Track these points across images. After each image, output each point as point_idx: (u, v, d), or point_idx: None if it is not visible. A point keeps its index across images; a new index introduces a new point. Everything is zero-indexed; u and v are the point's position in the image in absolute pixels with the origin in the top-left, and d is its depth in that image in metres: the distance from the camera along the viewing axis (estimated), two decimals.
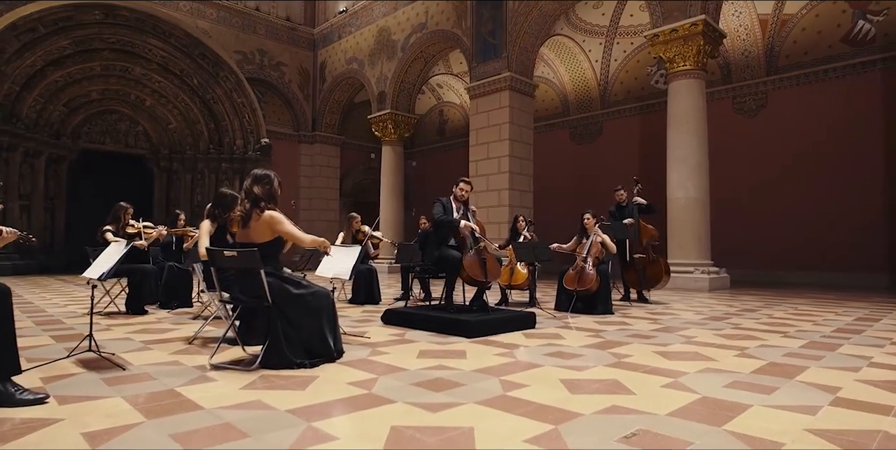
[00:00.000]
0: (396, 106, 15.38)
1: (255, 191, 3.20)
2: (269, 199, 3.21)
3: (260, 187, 3.22)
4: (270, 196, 3.23)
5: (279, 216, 3.16)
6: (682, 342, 3.89)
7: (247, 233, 3.16)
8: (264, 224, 3.13)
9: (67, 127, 13.71)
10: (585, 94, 15.04)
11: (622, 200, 7.07)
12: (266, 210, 3.16)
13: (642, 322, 4.97)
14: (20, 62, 11.97)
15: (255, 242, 3.12)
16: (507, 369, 2.99)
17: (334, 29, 17.44)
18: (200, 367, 2.96)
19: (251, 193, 3.20)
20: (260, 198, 3.19)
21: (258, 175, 3.29)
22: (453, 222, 4.57)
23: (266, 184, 3.25)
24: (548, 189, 14.62)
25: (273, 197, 3.25)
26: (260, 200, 3.18)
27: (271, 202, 3.22)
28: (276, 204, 3.26)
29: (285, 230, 3.16)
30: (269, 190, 3.24)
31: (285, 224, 3.16)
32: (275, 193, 3.26)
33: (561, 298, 5.79)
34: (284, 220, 3.17)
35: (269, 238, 3.15)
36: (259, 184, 3.23)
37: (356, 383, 2.63)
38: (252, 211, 3.15)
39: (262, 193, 3.20)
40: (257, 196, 3.18)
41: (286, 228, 3.16)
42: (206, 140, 15.32)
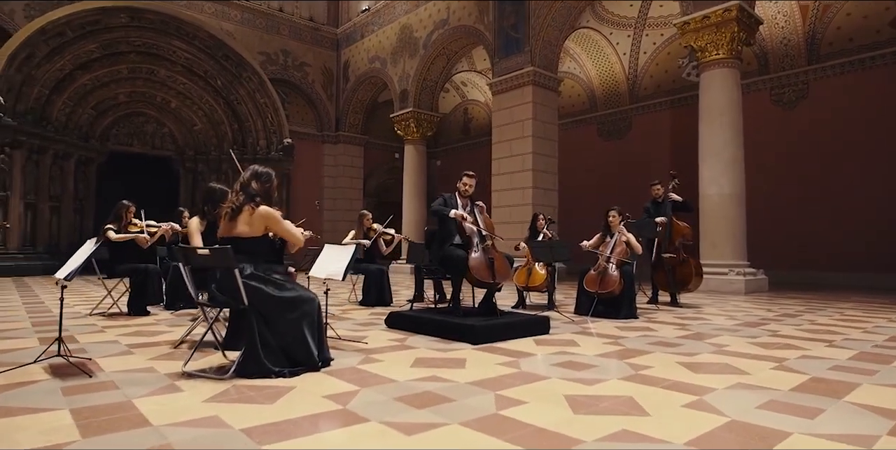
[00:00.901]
0: (419, 104, 15.15)
1: (252, 186, 3.04)
2: (265, 197, 3.05)
3: (259, 184, 3.07)
4: (267, 195, 3.08)
5: (276, 214, 2.99)
6: (711, 352, 3.49)
7: (233, 226, 2.96)
8: (259, 219, 2.95)
9: (96, 129, 13.94)
10: (613, 89, 14.50)
11: (658, 195, 6.63)
12: (262, 206, 2.98)
13: (668, 328, 4.56)
14: (49, 66, 12.19)
15: (241, 236, 2.92)
16: (506, 381, 2.66)
17: (357, 28, 17.34)
18: (173, 374, 2.73)
19: (248, 187, 3.03)
20: (258, 194, 3.02)
21: (259, 172, 3.12)
22: (443, 211, 4.26)
23: (266, 181, 3.11)
24: (574, 187, 14.14)
25: (269, 196, 3.10)
26: (256, 195, 3.00)
27: (266, 201, 3.05)
28: (269, 204, 3.07)
29: (283, 229, 3.02)
30: (269, 188, 3.11)
31: (282, 223, 3.00)
32: (272, 193, 3.13)
33: (581, 301, 5.41)
34: (280, 218, 3.01)
35: (259, 234, 2.96)
36: (258, 180, 3.08)
37: (334, 396, 2.36)
38: (245, 204, 2.96)
39: (260, 189, 3.05)
40: (255, 192, 3.01)
41: (284, 227, 3.02)
42: (230, 141, 15.38)
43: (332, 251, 3.76)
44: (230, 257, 2.64)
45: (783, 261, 10.72)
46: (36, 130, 12.00)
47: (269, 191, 3.11)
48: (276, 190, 3.18)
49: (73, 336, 3.90)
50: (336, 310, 5.78)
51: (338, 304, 6.42)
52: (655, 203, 6.59)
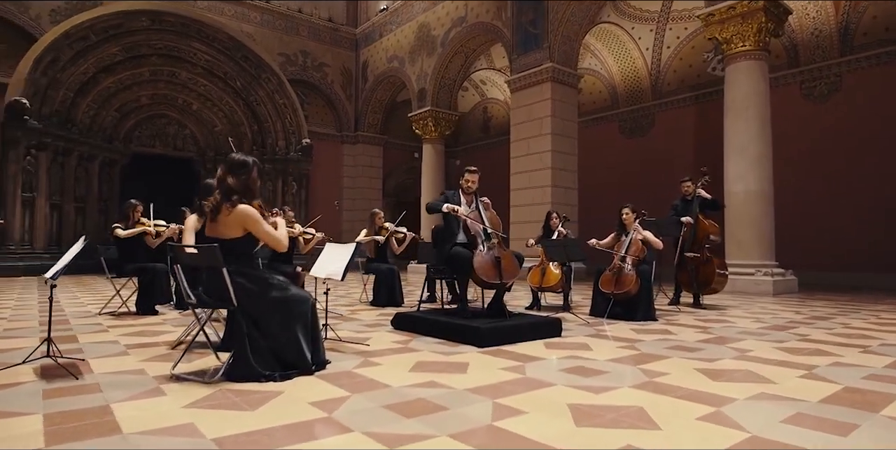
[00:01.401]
0: (437, 103, 15.02)
1: (228, 182, 2.78)
2: (244, 192, 2.78)
3: (234, 178, 2.79)
4: (246, 189, 2.80)
5: (254, 214, 2.73)
6: (733, 357, 3.25)
7: (215, 227, 2.77)
8: (235, 219, 2.72)
9: (120, 131, 14.16)
10: (635, 85, 14.15)
11: (688, 192, 6.35)
12: (239, 204, 2.73)
13: (688, 331, 4.32)
14: (74, 69, 12.41)
15: (223, 237, 2.73)
16: (508, 388, 2.49)
17: (375, 28, 17.30)
18: (162, 377, 2.63)
19: (224, 183, 2.78)
20: (233, 190, 2.76)
21: (234, 162, 2.83)
22: (437, 207, 4.10)
23: (241, 173, 2.81)
24: (594, 185, 13.83)
25: (249, 190, 2.82)
26: (233, 192, 2.76)
27: (247, 196, 2.79)
28: (253, 197, 2.82)
29: (262, 231, 2.75)
30: (246, 181, 2.80)
31: (261, 224, 2.74)
32: (252, 185, 2.83)
33: (597, 302, 5.20)
34: (260, 219, 2.75)
35: (240, 234, 2.75)
36: (233, 174, 2.80)
37: (321, 402, 2.22)
38: (222, 204, 2.74)
39: (236, 184, 2.77)
40: (230, 188, 2.76)
41: (262, 229, 2.75)
42: (249, 141, 15.48)
43: (334, 250, 3.64)
44: (217, 256, 2.53)
45: (814, 261, 10.26)
46: (61, 133, 12.23)
47: (248, 183, 2.81)
48: (257, 180, 2.87)
49: (76, 336, 3.86)
50: (345, 310, 5.68)
51: (348, 304, 6.32)
52: (685, 201, 6.31)
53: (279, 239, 2.80)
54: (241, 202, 2.73)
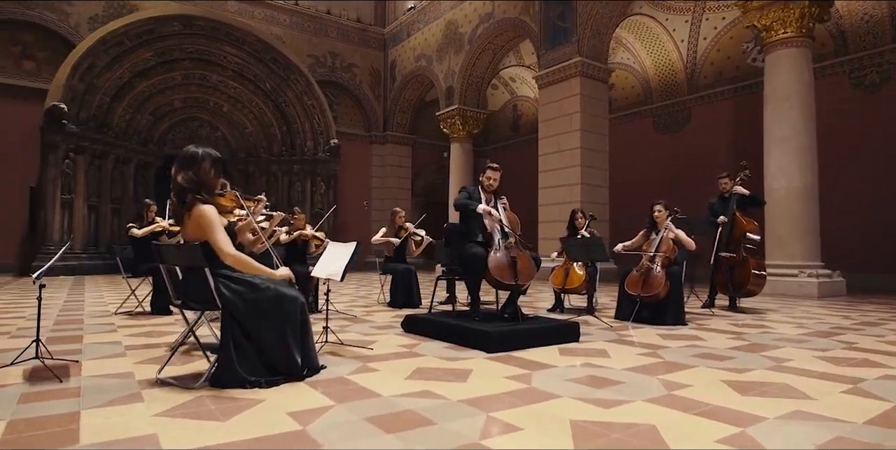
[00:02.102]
0: (464, 101, 14.83)
1: (178, 180, 2.52)
2: (196, 188, 2.51)
3: (183, 174, 2.52)
4: (199, 184, 2.53)
5: (210, 218, 2.45)
6: (768, 367, 2.94)
7: (184, 230, 2.60)
8: (194, 222, 2.48)
9: (154, 135, 14.50)
10: (670, 79, 13.61)
11: (725, 189, 5.97)
12: (196, 204, 2.48)
13: (720, 337, 3.99)
14: (110, 75, 12.76)
15: (191, 241, 2.54)
16: (508, 399, 2.28)
17: (403, 27, 17.24)
18: (146, 381, 2.52)
19: (175, 182, 2.53)
20: (184, 188, 2.50)
21: (182, 156, 2.57)
22: (470, 206, 3.90)
23: (189, 168, 2.53)
24: (627, 183, 13.38)
25: (203, 184, 2.54)
26: (185, 190, 2.50)
27: (203, 190, 2.52)
28: (210, 192, 2.58)
29: (212, 238, 2.44)
30: (196, 176, 2.53)
31: (215, 232, 2.44)
32: (205, 179, 2.55)
33: (622, 305, 4.90)
34: (215, 222, 2.45)
35: (205, 238, 2.50)
36: (182, 170, 2.53)
37: (300, 413, 2.05)
38: (180, 207, 2.52)
39: (186, 180, 2.51)
40: (181, 186, 2.51)
41: (213, 235, 2.44)
42: (279, 143, 15.64)
43: (335, 249, 3.49)
44: (198, 255, 2.41)
45: (865, 262, 9.59)
46: (98, 136, 12.59)
47: (199, 177, 2.53)
48: (210, 170, 2.56)
49: (83, 336, 3.83)
50: (361, 311, 5.55)
51: (366, 305, 6.19)
52: (722, 198, 5.92)
53: (224, 252, 2.44)
54: (197, 201, 2.50)
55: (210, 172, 2.61)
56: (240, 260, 2.47)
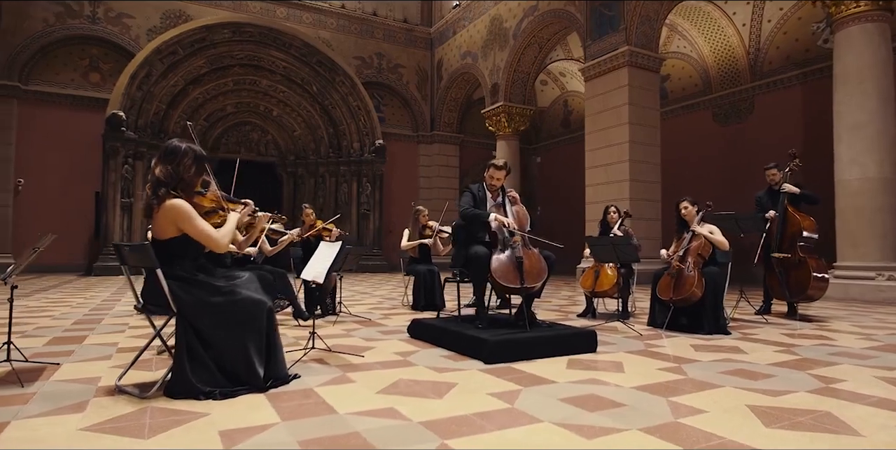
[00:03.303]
0: (510, 98, 14.43)
1: (156, 172, 2.40)
2: (174, 182, 2.40)
3: (162, 167, 2.40)
4: (177, 179, 2.41)
5: (183, 209, 2.33)
6: (812, 390, 2.47)
7: (153, 228, 2.46)
8: (165, 216, 2.35)
9: (208, 139, 15.02)
10: (731, 66, 12.64)
11: (775, 181, 5.36)
12: (169, 198, 2.36)
13: (765, 350, 3.48)
14: (165, 83, 13.31)
15: (157, 238, 2.41)
16: (478, 423, 1.97)
17: (449, 25, 17.05)
18: (105, 388, 2.40)
19: (152, 175, 2.42)
20: (160, 181, 2.38)
21: (164, 149, 2.46)
22: (481, 217, 3.59)
23: (169, 162, 2.42)
24: (684, 179, 12.53)
25: (181, 180, 2.42)
26: (161, 184, 2.38)
27: (180, 186, 2.42)
28: (188, 189, 2.46)
29: (194, 230, 2.35)
30: (174, 171, 2.41)
31: (192, 220, 2.34)
32: (184, 175, 2.42)
33: (655, 311, 4.43)
34: (191, 214, 2.34)
35: (175, 234, 2.39)
36: (161, 162, 2.42)
37: (234, 431, 1.84)
38: (152, 200, 2.38)
39: (164, 173, 2.39)
40: (158, 179, 2.38)
41: (194, 224, 2.34)
42: (326, 145, 15.84)
43: (324, 249, 3.29)
44: (149, 256, 2.25)
45: None
46: (155, 142, 13.12)
47: (178, 172, 2.41)
48: (191, 168, 2.44)
49: (86, 336, 3.84)
50: (380, 314, 5.35)
51: (390, 307, 6.00)
52: (771, 192, 5.31)
53: (213, 238, 2.37)
54: (169, 195, 2.37)
55: (191, 168, 2.47)
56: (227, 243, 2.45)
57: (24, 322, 4.47)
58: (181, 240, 2.39)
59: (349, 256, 4.60)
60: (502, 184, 3.87)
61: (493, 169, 3.82)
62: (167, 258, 2.35)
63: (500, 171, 3.81)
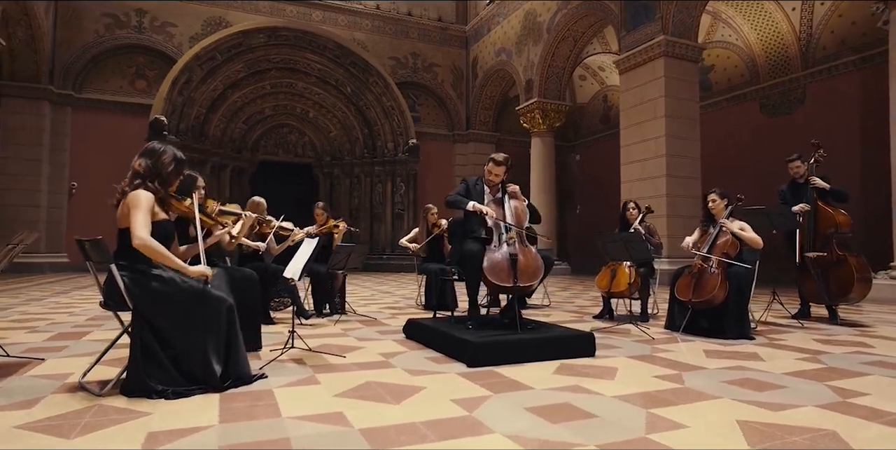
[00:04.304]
0: (544, 94, 14.09)
1: (136, 167, 2.42)
2: (151, 176, 2.41)
3: (141, 161, 2.44)
4: (154, 173, 2.42)
5: (140, 197, 2.31)
6: (824, 404, 2.17)
7: (118, 216, 2.43)
8: (126, 204, 2.34)
9: (248, 142, 15.43)
10: (780, 54, 11.88)
11: (799, 174, 4.96)
12: (136, 190, 2.35)
13: (786, 358, 3.15)
14: (205, 88, 13.75)
15: (119, 227, 2.37)
16: (423, 432, 1.81)
17: (484, 22, 16.85)
18: (70, 385, 2.39)
19: (132, 169, 2.43)
20: (138, 174, 2.39)
21: (144, 148, 2.52)
22: (460, 204, 3.44)
23: (148, 157, 2.45)
24: (727, 173, 11.87)
25: (159, 175, 2.43)
26: (137, 175, 2.39)
27: (156, 181, 2.42)
28: (165, 186, 2.46)
29: (133, 219, 2.28)
30: (153, 165, 2.43)
31: (138, 210, 2.28)
32: (161, 170, 2.44)
33: (673, 313, 4.12)
34: (141, 203, 2.30)
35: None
36: (141, 158, 2.46)
37: (165, 433, 1.76)
38: (125, 189, 2.38)
39: (142, 167, 2.42)
40: (135, 171, 2.40)
41: (135, 215, 2.28)
42: (361, 145, 15.95)
43: (304, 247, 3.21)
44: (102, 250, 2.22)
45: None
46: (196, 145, 13.60)
47: (157, 167, 2.43)
48: (170, 165, 2.47)
49: (89, 332, 3.91)
50: (390, 313, 5.26)
51: (404, 306, 5.90)
52: (795, 185, 4.90)
53: (135, 232, 2.24)
54: (140, 187, 2.35)
55: (169, 165, 2.48)
56: (149, 245, 2.25)
57: (43, 318, 4.63)
58: None
59: (353, 254, 4.54)
60: (502, 179, 3.69)
61: (491, 164, 3.65)
62: (126, 249, 2.31)
63: (499, 166, 3.64)
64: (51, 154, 12.94)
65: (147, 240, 2.25)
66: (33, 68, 12.48)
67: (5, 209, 12.02)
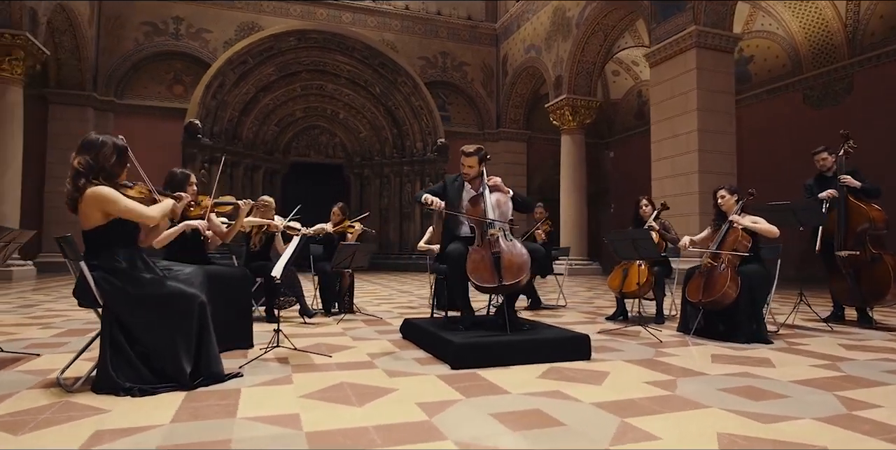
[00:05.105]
0: (574, 90, 13.78)
1: (73, 165, 2.33)
2: (94, 172, 2.33)
3: (80, 158, 2.33)
4: (97, 169, 2.34)
5: (106, 193, 2.28)
6: (826, 416, 1.97)
7: (81, 220, 2.38)
8: (89, 205, 2.29)
9: (280, 143, 15.72)
10: (825, 42, 11.22)
11: (826, 167, 4.65)
12: (90, 187, 2.30)
13: (800, 364, 2.91)
14: (237, 91, 14.08)
15: (84, 229, 2.37)
16: (370, 437, 1.73)
17: (513, 19, 16.64)
18: (48, 381, 2.42)
19: (71, 168, 2.34)
20: (80, 173, 2.31)
21: (81, 142, 2.39)
22: (417, 199, 3.36)
23: (87, 153, 2.35)
24: (767, 169, 11.32)
25: (102, 169, 2.35)
26: (80, 175, 2.31)
27: (101, 176, 2.34)
28: (110, 178, 2.38)
29: (123, 209, 2.30)
30: (94, 160, 2.33)
31: (118, 202, 2.29)
32: (103, 164, 2.35)
33: (686, 315, 3.90)
34: (116, 196, 2.29)
35: (101, 222, 2.34)
36: (79, 154, 2.35)
37: (113, 431, 1.75)
38: (74, 193, 2.31)
39: (82, 165, 2.32)
40: (76, 170, 2.32)
41: (121, 206, 2.29)
42: (390, 145, 16.02)
43: (291, 246, 3.18)
44: (71, 248, 2.23)
45: None
46: (229, 147, 13.94)
47: (100, 161, 2.34)
48: (112, 156, 2.38)
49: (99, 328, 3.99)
50: (398, 313, 5.21)
51: (417, 306, 5.84)
52: (822, 179, 4.58)
53: (143, 213, 2.32)
54: (91, 184, 2.30)
55: (111, 157, 2.39)
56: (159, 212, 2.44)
57: (61, 315, 4.78)
58: (107, 227, 2.33)
59: (357, 253, 4.50)
60: (479, 171, 3.55)
61: (463, 156, 3.52)
62: (96, 249, 2.32)
63: (470, 157, 3.50)
64: None
65: (154, 213, 2.43)
66: (78, 76, 13.05)
67: (53, 211, 12.60)
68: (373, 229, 6.20)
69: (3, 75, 9.68)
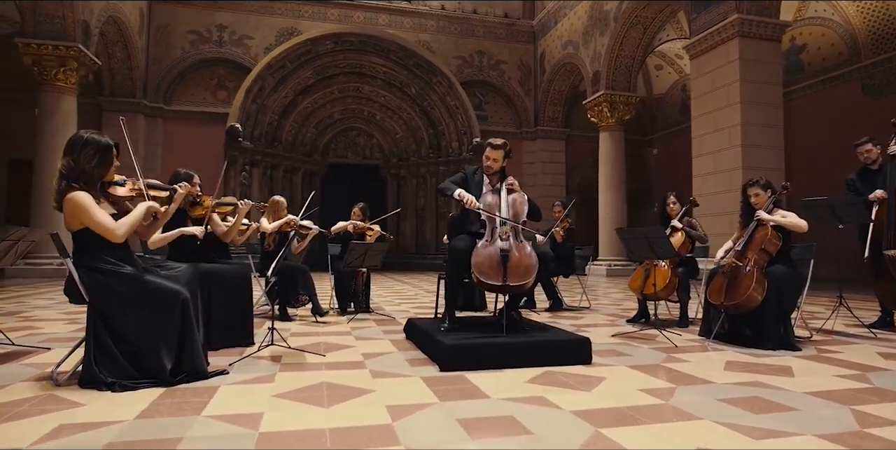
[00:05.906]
0: (612, 86, 13.38)
1: (60, 167, 2.33)
2: (74, 174, 2.31)
3: (63, 160, 2.32)
4: (77, 172, 2.31)
5: (80, 203, 2.25)
6: (831, 434, 1.77)
7: (65, 223, 2.40)
8: (66, 210, 2.30)
9: (318, 145, 16.02)
10: (885, 27, 10.45)
11: (871, 159, 4.29)
12: (69, 191, 2.29)
13: (825, 374, 2.65)
14: (276, 95, 14.43)
15: (70, 229, 2.38)
16: (322, 440, 1.68)
17: (551, 15, 16.34)
18: (42, 375, 2.49)
19: (58, 170, 2.34)
20: (62, 175, 2.30)
21: (67, 142, 2.38)
22: (446, 191, 3.25)
23: (69, 154, 2.33)
24: (820, 165, 10.63)
25: (82, 172, 2.32)
26: (62, 177, 2.30)
27: (82, 179, 2.33)
28: (91, 181, 2.35)
29: (90, 221, 2.27)
30: (74, 162, 2.31)
31: (89, 213, 2.26)
32: (84, 167, 2.32)
33: (708, 318, 3.66)
34: (87, 207, 2.26)
35: (80, 226, 2.32)
36: (63, 156, 2.34)
37: (71, 426, 1.77)
38: (56, 196, 2.32)
39: (64, 167, 2.31)
40: (60, 173, 2.32)
41: (91, 218, 2.27)
42: (426, 145, 16.04)
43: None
44: (59, 243, 2.28)
45: None
46: (269, 150, 14.32)
47: (80, 163, 2.31)
48: (92, 158, 2.33)
49: None
50: (414, 312, 5.15)
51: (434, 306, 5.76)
52: (866, 173, 4.21)
53: (108, 229, 2.28)
54: (69, 190, 2.31)
55: (92, 159, 2.36)
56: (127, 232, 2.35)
57: None
58: (87, 231, 2.35)
59: (368, 253, 4.48)
60: (501, 167, 3.46)
61: (489, 148, 3.43)
62: (82, 247, 2.37)
63: (497, 150, 3.41)
64: (145, 162, 14.13)
65: (123, 229, 2.33)
66: (129, 84, 13.70)
67: None
68: (390, 234, 6.18)
69: (57, 85, 10.26)
